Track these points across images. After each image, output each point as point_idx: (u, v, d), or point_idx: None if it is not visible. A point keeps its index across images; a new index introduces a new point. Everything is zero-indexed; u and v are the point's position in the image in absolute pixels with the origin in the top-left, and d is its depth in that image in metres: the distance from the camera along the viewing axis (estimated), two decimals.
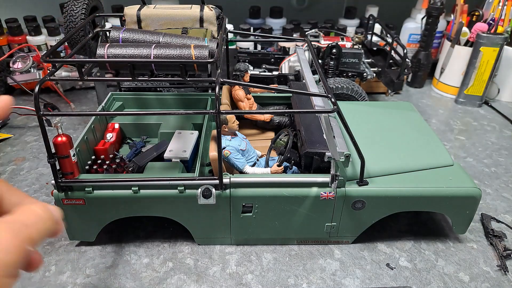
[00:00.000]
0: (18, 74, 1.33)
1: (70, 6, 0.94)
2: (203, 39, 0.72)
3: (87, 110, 1.35)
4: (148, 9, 0.78)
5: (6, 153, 1.12)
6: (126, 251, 0.81)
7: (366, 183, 0.76)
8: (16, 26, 1.44)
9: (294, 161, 0.84)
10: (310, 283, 0.75)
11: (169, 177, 0.73)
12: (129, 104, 1.04)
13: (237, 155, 0.80)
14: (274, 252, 0.82)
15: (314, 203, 0.76)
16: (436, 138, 0.91)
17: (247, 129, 1.04)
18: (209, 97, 1.04)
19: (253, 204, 0.76)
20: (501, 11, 1.33)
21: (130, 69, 0.64)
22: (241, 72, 0.98)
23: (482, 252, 0.83)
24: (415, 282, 0.76)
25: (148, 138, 0.99)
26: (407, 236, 0.87)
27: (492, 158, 1.15)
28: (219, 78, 0.66)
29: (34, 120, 1.28)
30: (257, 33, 1.45)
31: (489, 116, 1.40)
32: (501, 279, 0.77)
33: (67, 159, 0.70)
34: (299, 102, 0.94)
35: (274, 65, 1.34)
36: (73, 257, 0.79)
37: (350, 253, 0.82)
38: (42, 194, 0.96)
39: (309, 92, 0.72)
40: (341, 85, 1.15)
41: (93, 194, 0.73)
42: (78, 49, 0.77)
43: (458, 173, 0.81)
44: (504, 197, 0.99)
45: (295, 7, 1.92)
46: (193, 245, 0.83)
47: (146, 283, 0.74)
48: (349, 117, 0.83)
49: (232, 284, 0.75)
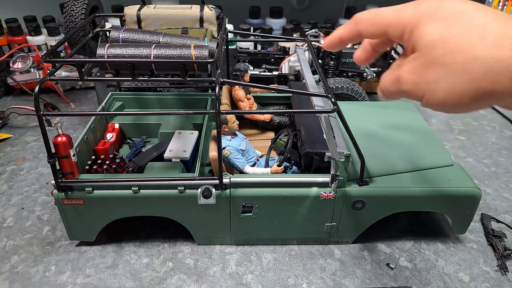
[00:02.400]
0: (18, 74, 1.33)
1: (70, 6, 0.94)
2: (203, 39, 0.72)
3: (87, 110, 1.35)
4: (148, 9, 0.78)
5: (6, 153, 1.12)
6: (126, 251, 0.81)
7: (366, 183, 0.76)
8: (16, 26, 1.44)
9: (294, 161, 0.84)
10: (310, 283, 0.75)
11: (169, 177, 0.73)
12: (129, 104, 1.04)
13: (237, 155, 0.80)
14: (274, 252, 0.82)
15: (314, 203, 0.76)
16: (436, 138, 0.91)
17: (247, 129, 1.04)
18: (209, 97, 1.04)
19: (253, 204, 0.76)
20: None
21: (130, 69, 0.64)
22: (241, 72, 0.98)
23: (482, 252, 0.83)
24: (415, 282, 0.76)
25: (148, 138, 0.99)
26: (407, 236, 0.87)
27: (492, 158, 1.15)
28: (219, 78, 0.66)
29: (34, 120, 1.28)
30: (257, 33, 1.45)
31: (489, 116, 1.40)
32: (501, 279, 0.77)
33: (67, 159, 0.70)
34: (299, 102, 0.94)
35: (274, 65, 1.34)
36: (73, 257, 0.79)
37: (350, 253, 0.82)
38: (42, 194, 0.96)
39: (309, 92, 0.72)
40: (341, 85, 1.15)
41: (93, 194, 0.73)
42: (78, 49, 0.78)
43: (458, 173, 0.81)
44: (504, 197, 0.99)
45: (295, 7, 1.92)
46: (193, 245, 0.83)
47: (146, 283, 0.74)
48: (349, 117, 0.83)
49: (232, 284, 0.75)
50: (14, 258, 0.79)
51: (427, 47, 0.45)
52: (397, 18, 0.48)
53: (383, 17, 0.49)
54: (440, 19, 0.44)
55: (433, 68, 0.45)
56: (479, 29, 0.42)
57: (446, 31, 0.44)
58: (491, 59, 0.40)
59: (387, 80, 0.51)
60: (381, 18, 0.49)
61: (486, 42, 0.41)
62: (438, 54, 0.44)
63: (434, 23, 0.45)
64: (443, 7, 0.45)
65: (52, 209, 0.91)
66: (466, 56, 0.42)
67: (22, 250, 0.81)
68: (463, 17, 0.43)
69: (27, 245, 0.82)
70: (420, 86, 0.47)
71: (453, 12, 0.44)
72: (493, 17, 0.42)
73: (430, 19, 0.45)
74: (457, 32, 0.43)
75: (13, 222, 0.88)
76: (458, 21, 0.43)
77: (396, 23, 0.48)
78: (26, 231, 0.85)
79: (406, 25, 0.47)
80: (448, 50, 0.43)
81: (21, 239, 0.83)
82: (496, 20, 0.41)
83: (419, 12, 0.46)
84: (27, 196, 0.95)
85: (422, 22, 0.46)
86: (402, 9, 0.48)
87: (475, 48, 0.41)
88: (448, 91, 0.44)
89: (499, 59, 0.40)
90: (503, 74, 0.40)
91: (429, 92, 0.46)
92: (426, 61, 0.45)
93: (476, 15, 0.43)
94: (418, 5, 0.47)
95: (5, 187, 0.99)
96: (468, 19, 0.43)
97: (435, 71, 0.45)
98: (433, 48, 0.45)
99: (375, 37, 0.52)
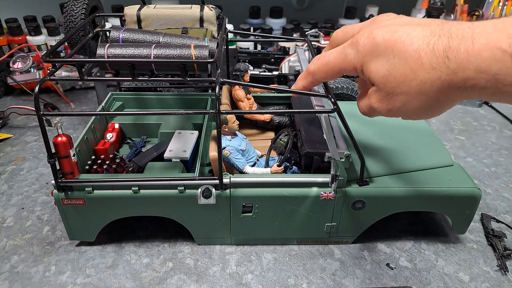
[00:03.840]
0: (18, 74, 1.33)
1: (70, 6, 0.94)
2: (203, 39, 0.72)
3: (87, 110, 1.35)
4: (148, 9, 0.78)
5: (6, 153, 1.12)
6: (126, 251, 0.81)
7: (366, 183, 0.76)
8: (16, 26, 1.44)
9: (294, 161, 0.84)
10: (310, 283, 0.75)
11: (169, 177, 0.73)
12: (129, 104, 1.04)
13: (237, 155, 0.80)
14: (274, 252, 0.82)
15: (314, 203, 0.76)
16: (436, 138, 0.91)
17: (247, 129, 1.04)
18: (209, 97, 1.04)
19: (253, 204, 0.76)
20: (501, 11, 1.34)
21: (130, 69, 0.64)
22: (241, 72, 0.98)
23: (482, 252, 0.83)
24: (415, 282, 0.76)
25: (148, 138, 0.99)
26: (407, 236, 0.87)
27: (492, 158, 1.15)
28: (219, 78, 0.66)
29: (34, 120, 1.28)
30: (257, 33, 1.45)
31: (489, 116, 1.40)
32: (501, 279, 0.77)
33: (67, 159, 0.70)
34: (299, 102, 0.94)
35: (274, 65, 1.34)
36: (73, 257, 0.79)
37: (350, 253, 0.82)
38: (42, 194, 0.96)
39: (309, 92, 0.72)
40: (341, 85, 1.15)
41: (93, 194, 0.73)
42: (78, 49, 0.78)
43: (458, 173, 0.81)
44: (504, 197, 0.99)
45: (295, 7, 1.92)
46: (193, 245, 0.83)
47: (146, 283, 0.74)
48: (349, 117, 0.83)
49: (232, 284, 0.75)
50: (14, 258, 0.79)
51: (382, 83, 0.52)
52: (345, 62, 0.55)
53: (332, 65, 0.57)
54: (379, 56, 0.51)
55: (395, 97, 0.52)
56: (414, 56, 0.47)
57: (389, 66, 0.50)
58: (436, 79, 0.46)
59: (364, 107, 0.60)
60: (331, 66, 0.58)
61: (424, 68, 0.46)
62: (393, 86, 0.50)
63: (377, 61, 0.51)
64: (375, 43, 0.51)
65: (52, 209, 0.91)
66: (416, 83, 0.48)
67: (22, 250, 0.81)
68: (395, 47, 0.49)
69: (27, 245, 0.82)
70: (393, 111, 0.54)
71: (386, 46, 0.50)
72: (420, 36, 0.47)
73: (371, 58, 0.52)
74: (398, 64, 0.49)
75: (13, 222, 0.88)
76: (394, 53, 0.49)
77: (346, 66, 0.56)
78: (26, 231, 0.85)
79: (355, 65, 0.54)
80: (399, 82, 0.49)
81: (21, 239, 0.83)
82: (423, 40, 0.47)
83: (359, 53, 0.53)
84: (27, 196, 0.95)
85: (366, 62, 0.53)
86: (343, 52, 0.55)
87: (419, 75, 0.47)
88: (417, 109, 0.51)
89: (441, 78, 0.45)
90: (450, 87, 0.46)
91: (403, 113, 0.54)
92: (387, 93, 0.52)
93: (407, 42, 0.48)
94: (355, 46, 0.54)
95: (5, 187, 0.99)
96: (401, 46, 0.48)
97: (398, 98, 0.51)
98: (386, 83, 0.51)
99: (332, 78, 0.61)
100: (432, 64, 0.45)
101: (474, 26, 0.43)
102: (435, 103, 0.49)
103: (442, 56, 0.44)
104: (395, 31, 0.49)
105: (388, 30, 0.50)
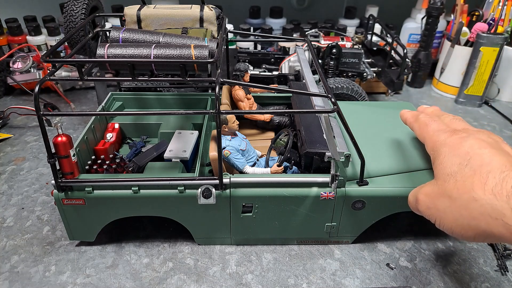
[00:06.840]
0: (18, 74, 1.33)
1: (70, 6, 0.94)
2: (203, 39, 0.72)
3: (87, 110, 1.35)
4: (148, 9, 0.78)
5: (6, 153, 1.12)
6: (126, 251, 0.81)
7: (366, 183, 0.76)
8: (16, 26, 1.44)
9: (294, 161, 0.84)
10: (310, 283, 0.75)
11: (169, 177, 0.73)
12: (129, 104, 1.04)
13: (237, 155, 0.80)
14: (274, 252, 0.82)
15: (314, 203, 0.76)
16: None
17: (247, 129, 1.04)
18: (209, 97, 1.04)
19: (253, 204, 0.76)
20: (501, 11, 1.33)
21: (130, 69, 0.64)
22: (241, 72, 0.98)
23: (482, 252, 0.83)
24: (415, 282, 0.76)
25: (148, 138, 0.99)
26: (407, 236, 0.87)
27: None
28: (219, 78, 0.66)
29: (34, 120, 1.28)
30: (257, 33, 1.45)
31: (489, 116, 1.40)
32: (501, 279, 0.77)
33: (67, 159, 0.70)
34: (299, 102, 0.94)
35: (274, 65, 1.34)
36: (73, 257, 0.79)
37: (350, 253, 0.82)
38: (42, 194, 0.96)
39: (309, 92, 0.72)
40: (341, 85, 1.15)
41: (93, 194, 0.73)
42: (78, 49, 0.77)
43: None
44: None
45: (295, 7, 1.92)
46: (193, 245, 0.83)
47: (146, 283, 0.74)
48: (349, 117, 0.83)
49: (232, 284, 0.75)
50: (14, 258, 0.79)
51: (442, 178, 0.54)
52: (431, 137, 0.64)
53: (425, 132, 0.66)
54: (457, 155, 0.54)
55: (442, 199, 0.53)
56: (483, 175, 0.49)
57: (458, 169, 0.52)
58: (488, 205, 0.47)
59: (411, 194, 0.63)
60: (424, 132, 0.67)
61: (486, 188, 0.47)
62: (448, 187, 0.52)
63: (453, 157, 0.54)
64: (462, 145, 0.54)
65: (52, 209, 0.91)
66: (468, 196, 0.49)
67: (22, 250, 0.81)
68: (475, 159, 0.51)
69: (27, 245, 0.82)
70: (432, 211, 0.55)
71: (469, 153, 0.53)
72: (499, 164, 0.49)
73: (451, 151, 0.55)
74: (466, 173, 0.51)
75: (13, 222, 0.88)
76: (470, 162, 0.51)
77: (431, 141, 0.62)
78: (26, 231, 0.85)
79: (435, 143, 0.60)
80: (456, 187, 0.51)
81: (21, 239, 0.83)
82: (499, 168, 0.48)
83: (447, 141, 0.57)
84: (27, 196, 0.95)
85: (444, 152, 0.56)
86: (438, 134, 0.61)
87: (476, 191, 0.48)
88: (453, 222, 0.51)
89: (495, 206, 0.46)
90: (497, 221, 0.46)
91: (439, 219, 0.54)
92: (439, 190, 0.54)
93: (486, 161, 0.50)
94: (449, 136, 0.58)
95: (5, 187, 0.99)
96: (479, 162, 0.51)
97: (444, 201, 0.53)
98: (446, 181, 0.53)
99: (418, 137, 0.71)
100: (493, 189, 0.47)
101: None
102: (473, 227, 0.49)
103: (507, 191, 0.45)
104: (483, 147, 0.52)
105: (479, 143, 0.53)
